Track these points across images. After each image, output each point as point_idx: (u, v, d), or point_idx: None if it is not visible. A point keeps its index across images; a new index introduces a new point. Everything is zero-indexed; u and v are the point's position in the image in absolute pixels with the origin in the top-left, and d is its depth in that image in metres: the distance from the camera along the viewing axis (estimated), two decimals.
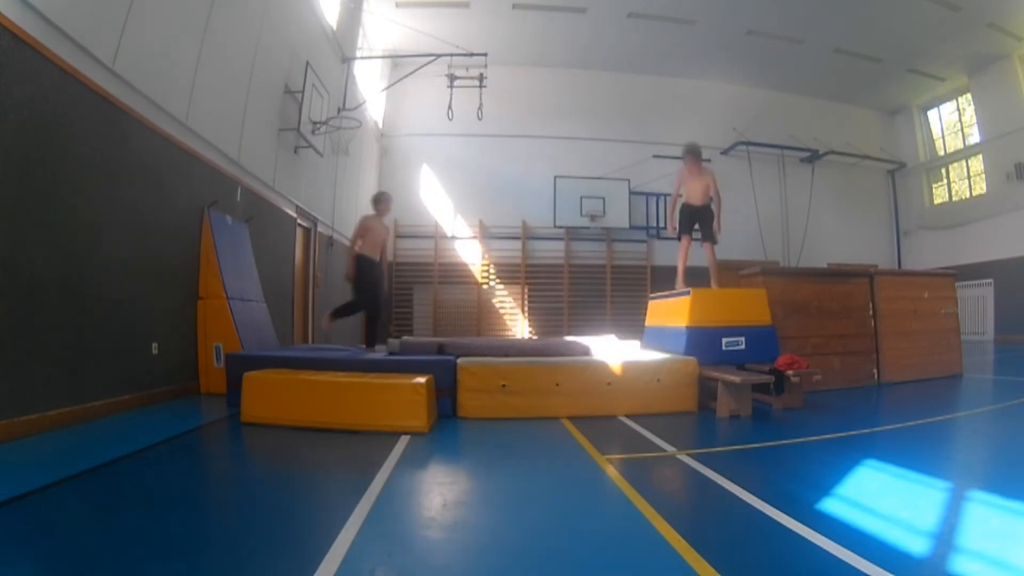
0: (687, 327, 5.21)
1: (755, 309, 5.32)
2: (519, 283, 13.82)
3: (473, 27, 11.94)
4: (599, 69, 14.36)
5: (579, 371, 4.64)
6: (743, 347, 5.10)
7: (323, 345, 7.34)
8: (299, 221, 8.53)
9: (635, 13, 12.04)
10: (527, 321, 13.70)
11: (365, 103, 11.14)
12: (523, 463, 3.33)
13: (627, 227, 13.99)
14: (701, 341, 5.10)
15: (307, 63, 7.87)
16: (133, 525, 2.12)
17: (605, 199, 13.81)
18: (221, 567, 1.78)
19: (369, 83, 11.99)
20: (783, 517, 2.15)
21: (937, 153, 15.70)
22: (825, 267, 9.68)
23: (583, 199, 13.71)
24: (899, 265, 15.55)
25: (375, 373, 4.46)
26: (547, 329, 13.44)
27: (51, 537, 1.99)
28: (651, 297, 6.53)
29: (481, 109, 10.22)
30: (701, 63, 13.89)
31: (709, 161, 5.66)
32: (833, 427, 4.05)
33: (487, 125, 11.68)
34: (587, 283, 14.00)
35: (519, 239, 13.91)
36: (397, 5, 11.47)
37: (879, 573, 1.67)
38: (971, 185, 14.72)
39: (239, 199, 6.48)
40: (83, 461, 2.90)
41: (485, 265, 13.82)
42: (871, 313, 6.37)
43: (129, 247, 4.49)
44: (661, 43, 13.13)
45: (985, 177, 14.00)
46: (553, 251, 14.01)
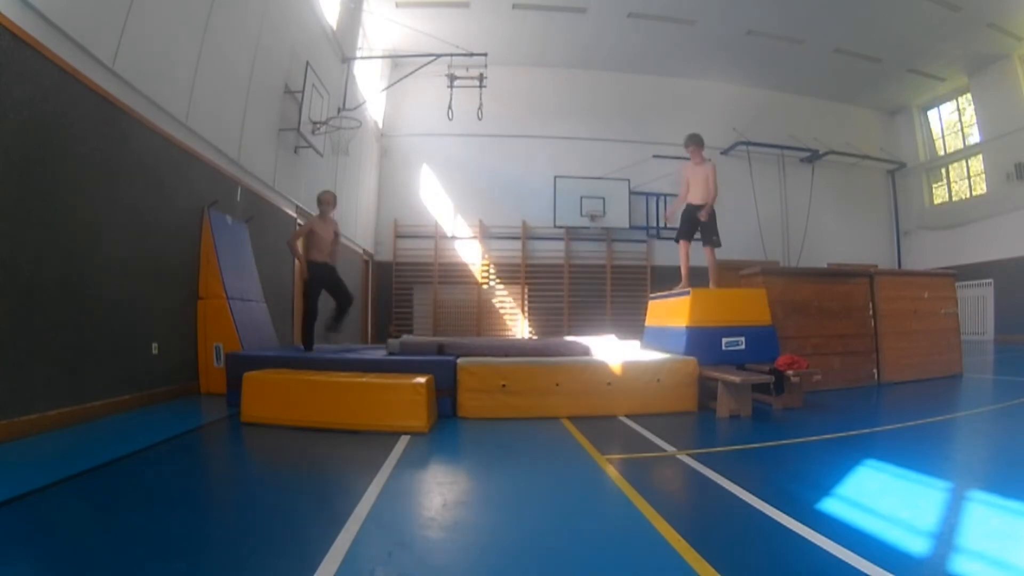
0: (687, 327, 5.22)
1: (755, 309, 5.32)
2: (519, 283, 13.81)
3: (473, 27, 11.94)
4: (599, 69, 14.36)
5: (579, 371, 4.64)
6: (743, 347, 5.11)
7: (321, 345, 7.32)
8: (299, 221, 8.51)
9: (635, 13, 12.05)
10: (527, 321, 13.70)
11: (365, 103, 11.14)
12: (523, 463, 3.33)
13: (627, 227, 13.99)
14: (701, 341, 5.10)
15: (307, 63, 7.87)
16: (133, 525, 2.12)
17: (605, 199, 13.81)
18: (221, 567, 1.78)
19: (369, 83, 11.99)
20: (783, 517, 2.15)
21: (937, 153, 15.70)
22: (825, 267, 9.66)
23: (583, 199, 13.71)
24: (899, 265, 15.55)
25: (375, 373, 4.46)
26: (547, 329, 13.44)
27: (51, 537, 1.99)
28: (651, 297, 6.54)
29: (481, 109, 10.23)
30: (701, 63, 13.89)
31: (709, 161, 5.71)
32: (833, 427, 4.05)
33: (487, 125, 11.69)
34: (587, 283, 14.00)
35: (519, 239, 13.91)
36: (397, 5, 11.47)
37: (879, 573, 1.67)
38: (971, 185, 14.72)
39: (239, 199, 6.48)
40: (83, 461, 2.90)
41: (485, 265, 13.81)
42: (871, 313, 6.37)
43: (129, 247, 4.49)
44: (661, 43, 13.14)
45: (985, 177, 14.01)
46: (553, 251, 14.01)
